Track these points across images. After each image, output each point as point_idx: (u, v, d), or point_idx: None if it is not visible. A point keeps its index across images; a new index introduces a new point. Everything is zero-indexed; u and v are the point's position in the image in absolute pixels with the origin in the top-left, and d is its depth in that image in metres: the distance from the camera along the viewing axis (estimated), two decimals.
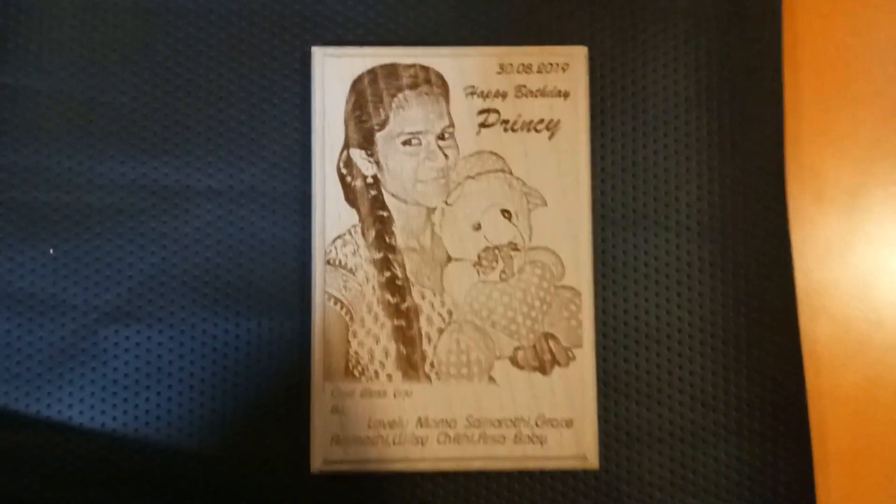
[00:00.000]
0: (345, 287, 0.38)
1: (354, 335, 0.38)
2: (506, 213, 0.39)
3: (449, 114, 0.39)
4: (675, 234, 0.40)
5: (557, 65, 0.39)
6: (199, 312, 0.40)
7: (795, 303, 0.39)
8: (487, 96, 0.39)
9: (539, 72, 0.39)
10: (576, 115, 0.39)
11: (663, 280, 0.40)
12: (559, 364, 0.38)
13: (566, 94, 0.39)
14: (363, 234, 0.39)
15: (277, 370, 0.39)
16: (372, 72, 0.39)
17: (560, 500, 0.39)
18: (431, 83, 0.39)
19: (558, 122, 0.39)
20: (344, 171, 0.39)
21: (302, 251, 0.40)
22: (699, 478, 0.39)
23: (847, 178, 0.42)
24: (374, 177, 0.39)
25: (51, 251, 0.40)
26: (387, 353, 0.38)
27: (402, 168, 0.39)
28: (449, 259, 0.39)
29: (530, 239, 0.39)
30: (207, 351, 0.40)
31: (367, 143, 0.39)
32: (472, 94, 0.39)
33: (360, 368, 0.38)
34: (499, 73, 0.39)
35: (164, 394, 0.39)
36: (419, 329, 0.38)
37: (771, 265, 0.40)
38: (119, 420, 0.39)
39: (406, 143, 0.39)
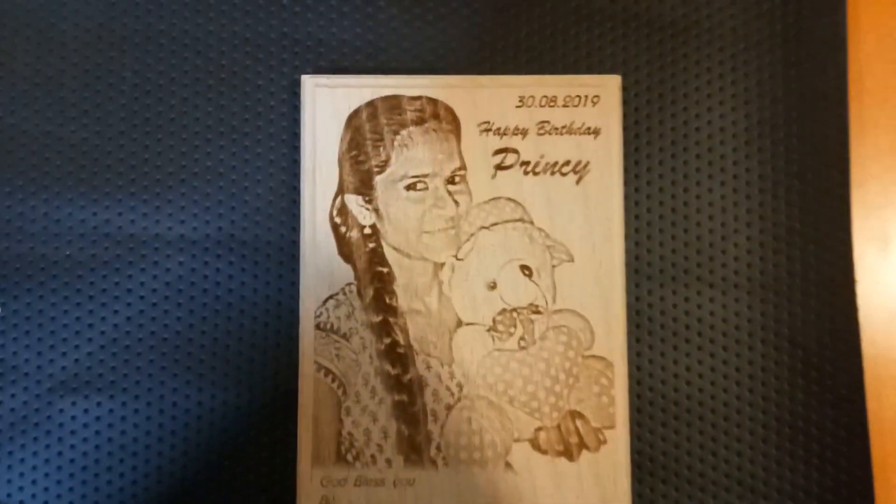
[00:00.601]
0: (337, 356, 0.34)
1: (348, 413, 0.34)
2: (526, 270, 0.35)
3: (460, 154, 0.35)
4: (721, 291, 0.35)
5: (587, 97, 0.35)
6: (168, 382, 0.35)
7: (862, 375, 0.35)
8: (505, 134, 0.35)
9: (565, 105, 0.35)
10: (607, 156, 0.35)
11: (708, 345, 0.35)
12: (588, 448, 0.34)
13: (596, 132, 0.35)
14: (359, 293, 0.34)
15: (257, 452, 0.35)
16: (371, 105, 0.35)
17: None
18: (440, 118, 0.35)
19: (587, 163, 0.35)
20: (338, 220, 0.35)
21: (289, 311, 0.36)
22: None
23: None
24: (373, 227, 0.35)
25: None
26: (386, 434, 0.34)
27: (405, 217, 0.35)
28: (459, 323, 0.34)
29: (554, 300, 0.35)
30: (177, 426, 0.35)
31: (365, 188, 0.35)
32: (487, 131, 0.35)
33: (354, 452, 0.34)
34: (518, 106, 0.35)
35: (128, 476, 0.35)
36: (423, 405, 0.34)
37: (834, 329, 0.35)
38: None
39: (410, 187, 0.35)
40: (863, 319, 0.36)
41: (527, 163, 0.35)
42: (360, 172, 0.35)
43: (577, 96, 0.35)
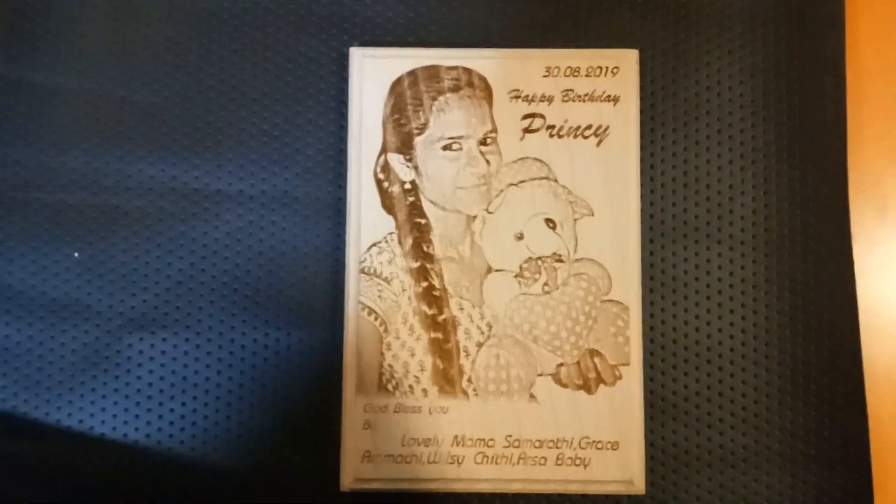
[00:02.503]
0: (379, 297, 0.39)
1: (388, 347, 0.38)
2: (550, 223, 0.39)
3: (492, 118, 0.39)
4: (728, 248, 0.40)
5: (607, 68, 0.39)
6: (227, 321, 0.40)
7: (858, 323, 0.39)
8: (532, 100, 0.39)
9: (587, 75, 0.39)
10: (626, 121, 0.39)
11: (716, 296, 0.40)
12: (605, 383, 0.38)
13: (616, 99, 0.39)
14: (400, 242, 0.39)
15: (307, 383, 0.39)
16: (412, 74, 0.40)
17: None
18: (474, 86, 0.40)
19: (607, 128, 0.39)
20: (381, 176, 0.39)
21: (335, 259, 0.40)
22: None
23: None
24: (413, 182, 0.39)
25: (76, 255, 0.40)
26: (422, 367, 0.38)
27: (441, 174, 0.39)
28: (489, 270, 0.39)
29: (575, 250, 0.39)
30: (235, 361, 0.40)
31: (406, 148, 0.39)
32: (517, 98, 0.39)
33: (394, 382, 0.38)
34: (545, 76, 0.39)
35: (189, 405, 0.40)
36: (457, 342, 0.38)
37: (832, 283, 0.39)
38: (141, 431, 0.39)
39: (446, 147, 0.39)
40: (858, 274, 0.40)
41: (552, 126, 0.39)
42: (401, 134, 0.40)
43: (599, 67, 0.40)
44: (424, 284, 0.39)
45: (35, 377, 0.40)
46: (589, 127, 0.39)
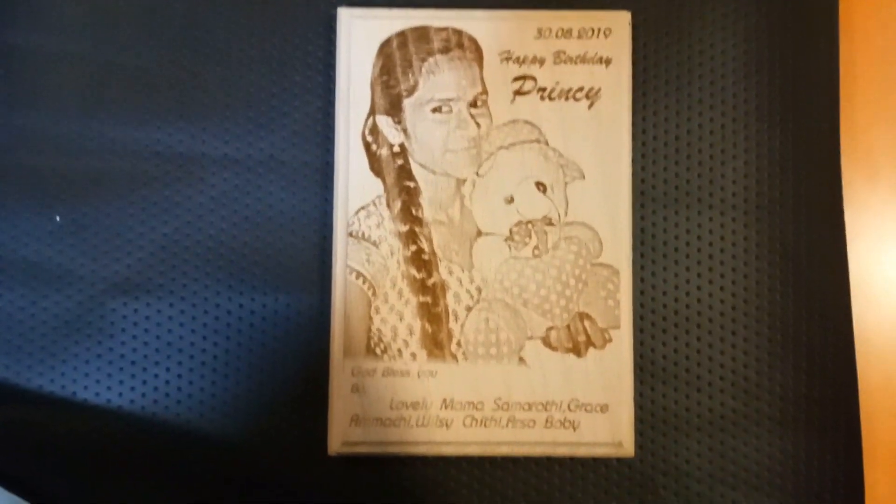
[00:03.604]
0: (368, 261, 0.39)
1: (377, 311, 0.38)
2: (540, 186, 0.39)
3: (482, 80, 0.40)
4: (719, 212, 0.40)
5: (599, 30, 0.40)
6: (212, 286, 0.40)
7: (848, 287, 0.40)
8: (524, 62, 0.40)
9: (579, 37, 0.40)
10: (617, 84, 0.39)
11: (706, 261, 0.40)
12: (594, 346, 0.38)
13: (608, 62, 0.39)
14: (388, 205, 0.39)
15: (294, 347, 0.39)
16: (401, 35, 0.40)
17: (591, 489, 0.39)
18: (464, 48, 0.40)
19: (599, 90, 0.39)
20: (369, 138, 0.39)
21: (323, 223, 0.40)
22: (740, 469, 0.39)
23: None
24: (401, 145, 0.39)
25: (57, 218, 0.40)
26: (411, 331, 0.38)
27: (431, 136, 0.39)
28: (479, 233, 0.39)
29: (566, 213, 0.39)
30: (220, 326, 0.40)
31: (395, 110, 0.39)
32: (508, 59, 0.40)
33: (382, 346, 0.38)
34: (536, 38, 0.40)
35: (174, 370, 0.40)
36: (446, 306, 0.38)
37: (823, 247, 0.40)
38: (125, 397, 0.39)
39: (436, 110, 0.39)
40: (849, 238, 0.40)
41: (543, 89, 0.40)
42: (390, 96, 0.40)
43: (591, 29, 0.40)
44: (413, 248, 0.39)
45: (16, 342, 0.39)
46: (580, 89, 0.39)
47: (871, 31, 0.42)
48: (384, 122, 0.39)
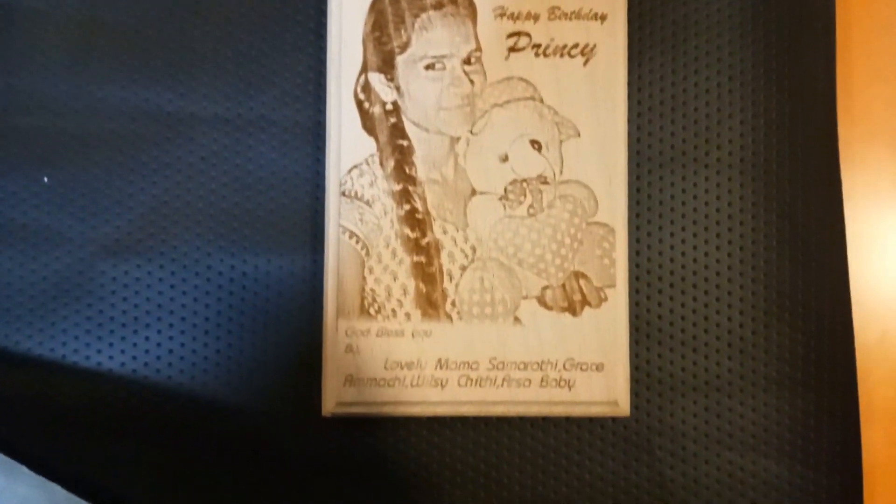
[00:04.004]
0: (361, 220, 0.38)
1: (371, 271, 0.38)
2: (535, 144, 0.39)
3: (476, 36, 0.39)
4: (715, 171, 0.40)
5: None
6: (203, 247, 0.39)
7: (845, 247, 0.39)
8: (518, 18, 0.39)
9: None
10: (613, 40, 0.39)
11: (702, 220, 0.40)
12: (590, 305, 0.38)
13: (603, 17, 0.39)
14: (381, 164, 0.38)
15: (287, 309, 0.39)
16: None
17: (587, 449, 0.39)
18: (457, 3, 0.39)
19: (594, 46, 0.39)
20: (361, 96, 0.39)
21: (315, 184, 0.40)
22: (736, 429, 0.39)
23: None
24: (394, 103, 0.39)
25: (45, 180, 0.40)
26: (405, 291, 0.38)
27: (424, 94, 0.39)
28: (473, 192, 0.39)
29: (561, 172, 0.39)
30: (212, 288, 0.39)
31: (387, 67, 0.39)
32: (502, 15, 0.39)
33: (376, 306, 0.38)
34: None
35: (165, 333, 0.39)
36: (440, 266, 0.38)
37: (820, 206, 0.39)
38: (116, 360, 0.39)
39: (429, 67, 0.39)
40: (846, 197, 0.40)
41: (538, 45, 0.39)
42: (382, 53, 0.39)
43: None
44: (407, 207, 0.38)
45: (4, 305, 0.39)
46: (576, 46, 0.39)
47: None
48: (376, 80, 0.39)
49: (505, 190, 0.38)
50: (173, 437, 0.38)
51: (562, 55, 0.39)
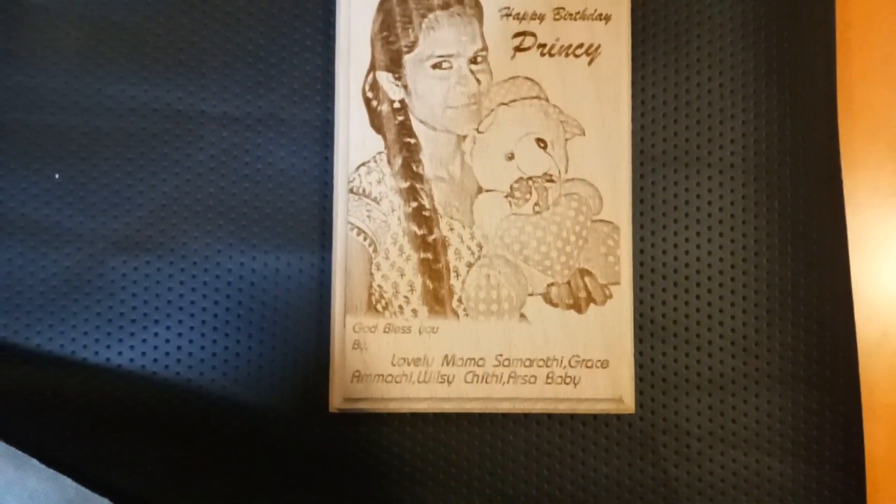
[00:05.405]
0: (368, 217, 0.38)
1: (378, 268, 0.38)
2: (541, 143, 0.39)
3: (482, 36, 0.39)
4: (718, 171, 0.40)
5: None
6: (212, 244, 0.39)
7: (847, 244, 0.39)
8: (524, 18, 0.39)
9: None
10: (617, 40, 0.39)
11: (705, 220, 0.40)
12: (595, 302, 0.38)
13: (607, 18, 0.39)
14: (389, 161, 0.38)
15: (296, 305, 0.39)
16: None
17: (592, 447, 0.38)
18: (464, 4, 0.39)
19: (598, 47, 0.39)
20: (369, 94, 0.39)
21: (323, 182, 0.40)
22: (740, 427, 0.39)
23: None
24: (402, 101, 0.39)
25: (56, 176, 0.39)
26: (412, 288, 0.38)
27: (431, 93, 0.39)
28: (480, 190, 0.38)
29: (566, 170, 0.39)
30: (221, 285, 0.39)
31: (395, 66, 0.39)
32: (508, 15, 0.39)
33: (383, 303, 0.38)
34: None
35: (174, 329, 0.39)
36: (447, 263, 0.38)
37: (821, 205, 0.39)
38: (125, 356, 0.39)
39: (436, 66, 0.39)
40: (847, 196, 0.40)
41: (543, 45, 0.39)
42: (390, 52, 0.39)
43: None
44: (414, 204, 0.38)
45: (15, 301, 0.39)
46: (580, 46, 0.39)
47: None
48: (384, 79, 0.39)
49: (511, 188, 0.38)
50: (182, 432, 0.38)
51: (567, 55, 0.39)
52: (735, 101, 0.40)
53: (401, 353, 0.38)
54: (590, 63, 0.39)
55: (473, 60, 0.39)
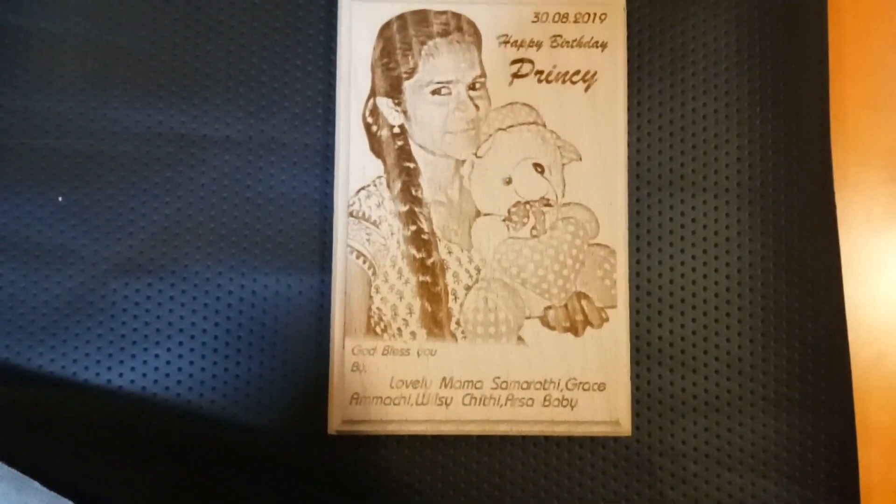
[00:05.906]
0: (368, 240, 0.38)
1: (377, 290, 0.38)
2: (538, 167, 0.39)
3: (481, 63, 0.39)
4: (713, 195, 0.40)
5: (595, 14, 0.40)
6: (213, 267, 0.40)
7: (840, 268, 0.39)
8: (521, 46, 0.40)
9: (576, 21, 0.40)
10: (613, 67, 0.39)
11: (701, 243, 0.40)
12: (592, 325, 0.38)
13: (604, 45, 0.39)
14: (388, 185, 0.39)
15: (295, 327, 0.39)
16: (401, 17, 0.40)
17: (589, 469, 0.39)
18: (463, 31, 0.40)
19: (595, 73, 0.39)
20: (370, 120, 0.39)
21: (323, 205, 0.40)
22: (735, 450, 0.39)
23: (894, 140, 0.42)
24: (402, 126, 0.39)
25: (60, 199, 0.40)
26: (411, 310, 0.38)
27: (430, 118, 0.39)
28: (478, 213, 0.39)
29: (563, 194, 0.39)
30: (221, 307, 0.39)
31: (395, 92, 0.39)
32: (506, 43, 0.40)
33: (382, 325, 0.38)
34: (534, 21, 0.40)
35: (175, 351, 0.39)
36: (445, 286, 0.38)
37: (815, 230, 0.40)
38: (126, 377, 0.39)
39: (435, 92, 0.39)
40: (840, 220, 0.40)
41: (541, 72, 0.40)
42: (390, 78, 0.40)
43: (587, 13, 0.40)
44: (413, 228, 0.39)
45: (17, 322, 0.39)
46: (577, 72, 0.39)
47: (860, 15, 0.42)
48: (384, 104, 0.39)
49: (508, 212, 0.39)
50: (182, 453, 0.38)
51: (564, 81, 0.39)
52: (730, 126, 0.40)
53: (399, 375, 0.38)
54: (586, 89, 0.39)
55: (472, 87, 0.39)
